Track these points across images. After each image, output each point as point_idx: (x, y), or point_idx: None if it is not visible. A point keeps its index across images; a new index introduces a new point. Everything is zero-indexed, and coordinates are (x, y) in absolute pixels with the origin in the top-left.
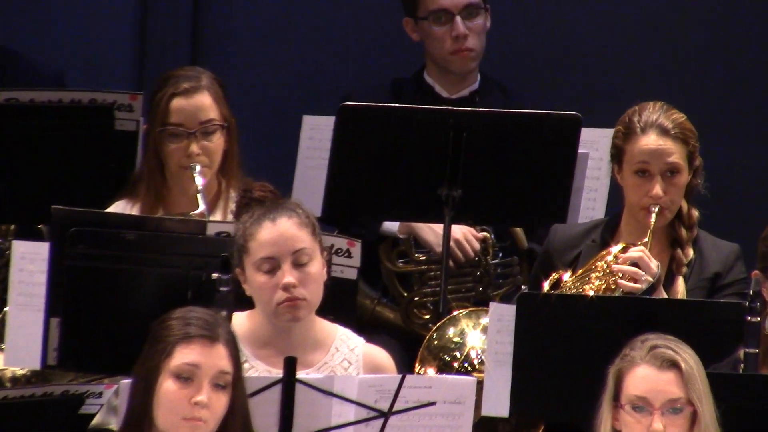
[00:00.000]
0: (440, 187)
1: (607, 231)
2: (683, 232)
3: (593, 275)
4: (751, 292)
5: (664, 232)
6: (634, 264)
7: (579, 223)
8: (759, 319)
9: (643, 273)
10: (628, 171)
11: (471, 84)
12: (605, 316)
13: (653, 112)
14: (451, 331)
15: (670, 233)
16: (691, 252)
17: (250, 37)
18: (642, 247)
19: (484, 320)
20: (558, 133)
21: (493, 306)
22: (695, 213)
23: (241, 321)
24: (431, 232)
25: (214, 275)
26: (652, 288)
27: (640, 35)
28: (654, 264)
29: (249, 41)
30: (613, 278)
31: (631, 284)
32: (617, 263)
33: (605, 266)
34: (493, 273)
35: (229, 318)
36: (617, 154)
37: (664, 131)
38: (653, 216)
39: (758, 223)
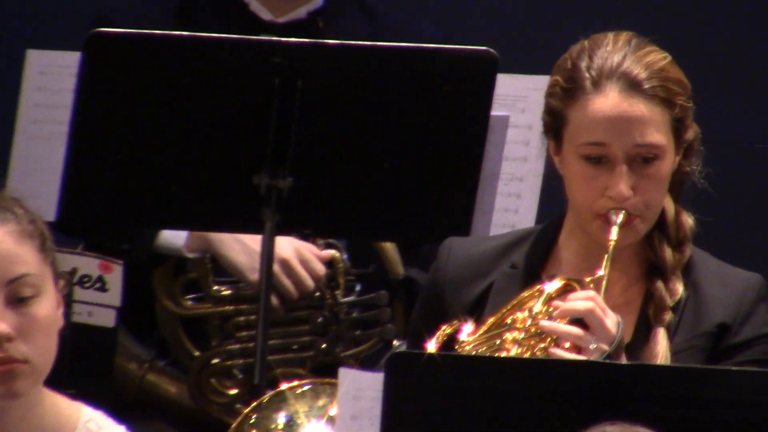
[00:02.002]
0: (257, 172)
1: (537, 251)
2: (667, 253)
3: (509, 336)
4: None
5: (634, 255)
6: (578, 321)
7: (491, 236)
8: None
9: (592, 336)
10: (573, 153)
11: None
12: (537, 391)
13: (614, 51)
14: (275, 419)
15: (646, 256)
16: (680, 287)
17: None
18: (592, 293)
19: (332, 410)
20: (459, 82)
21: (345, 374)
22: (688, 221)
23: None
24: (241, 248)
25: None
26: (608, 359)
27: None
28: (612, 321)
29: None
30: (542, 344)
31: (571, 356)
32: (549, 317)
33: (530, 320)
34: (345, 319)
35: None
36: (554, 124)
37: (631, 85)
38: (614, 230)
39: None
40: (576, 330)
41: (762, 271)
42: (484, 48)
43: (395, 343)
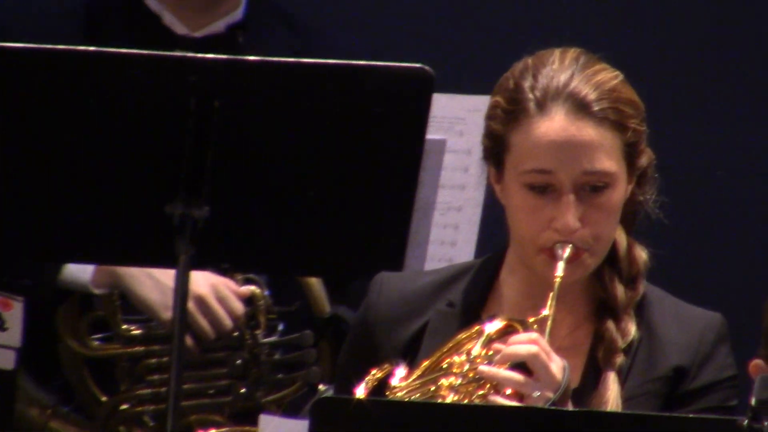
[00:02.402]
0: (170, 201)
1: (476, 288)
2: (618, 290)
3: (445, 381)
4: (753, 401)
5: (582, 293)
6: (520, 366)
7: (426, 271)
8: None
9: (536, 382)
10: (516, 181)
11: (229, 12)
12: None
13: (560, 69)
14: None
15: (595, 293)
16: (632, 328)
17: None
18: (536, 335)
19: None
20: (391, 102)
21: (267, 421)
22: (641, 255)
23: None
24: (153, 284)
25: None
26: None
27: None
28: (557, 366)
29: None
30: (481, 391)
31: (512, 404)
32: (489, 361)
33: (467, 365)
34: (267, 361)
35: None
36: (495, 149)
37: (579, 107)
38: (560, 265)
39: (760, 271)
40: (518, 376)
41: (722, 310)
42: (418, 65)
43: (321, 387)
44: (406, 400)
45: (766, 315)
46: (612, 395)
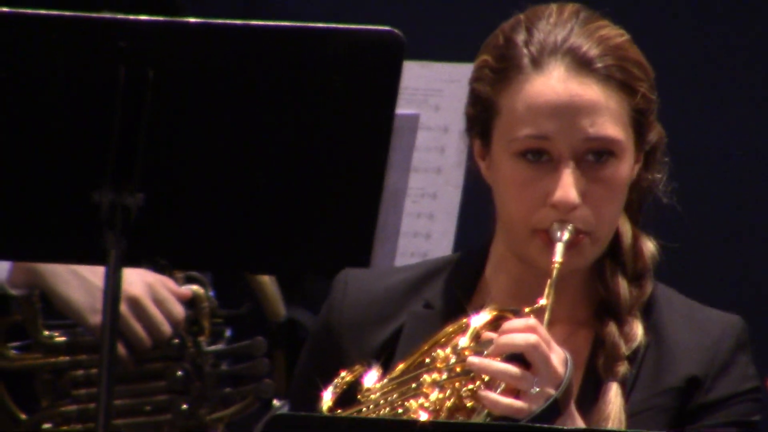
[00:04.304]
0: (98, 187)
1: (458, 285)
2: (622, 288)
3: (428, 378)
4: None
5: (580, 290)
6: (515, 357)
7: (398, 267)
8: None
9: (535, 376)
10: (506, 151)
11: None
12: None
13: (558, 23)
14: None
15: (595, 291)
16: (639, 332)
17: None
18: (534, 321)
19: None
20: (355, 72)
21: None
22: (649, 248)
23: None
24: (79, 283)
25: None
26: (554, 408)
27: None
28: (559, 358)
29: None
30: (470, 386)
31: (507, 400)
32: (478, 352)
33: (454, 357)
34: (212, 372)
35: None
36: (482, 116)
37: (581, 63)
38: (559, 248)
39: None
40: (513, 369)
41: (742, 312)
42: (386, 28)
43: (275, 403)
44: (375, 415)
45: None
46: (614, 410)
